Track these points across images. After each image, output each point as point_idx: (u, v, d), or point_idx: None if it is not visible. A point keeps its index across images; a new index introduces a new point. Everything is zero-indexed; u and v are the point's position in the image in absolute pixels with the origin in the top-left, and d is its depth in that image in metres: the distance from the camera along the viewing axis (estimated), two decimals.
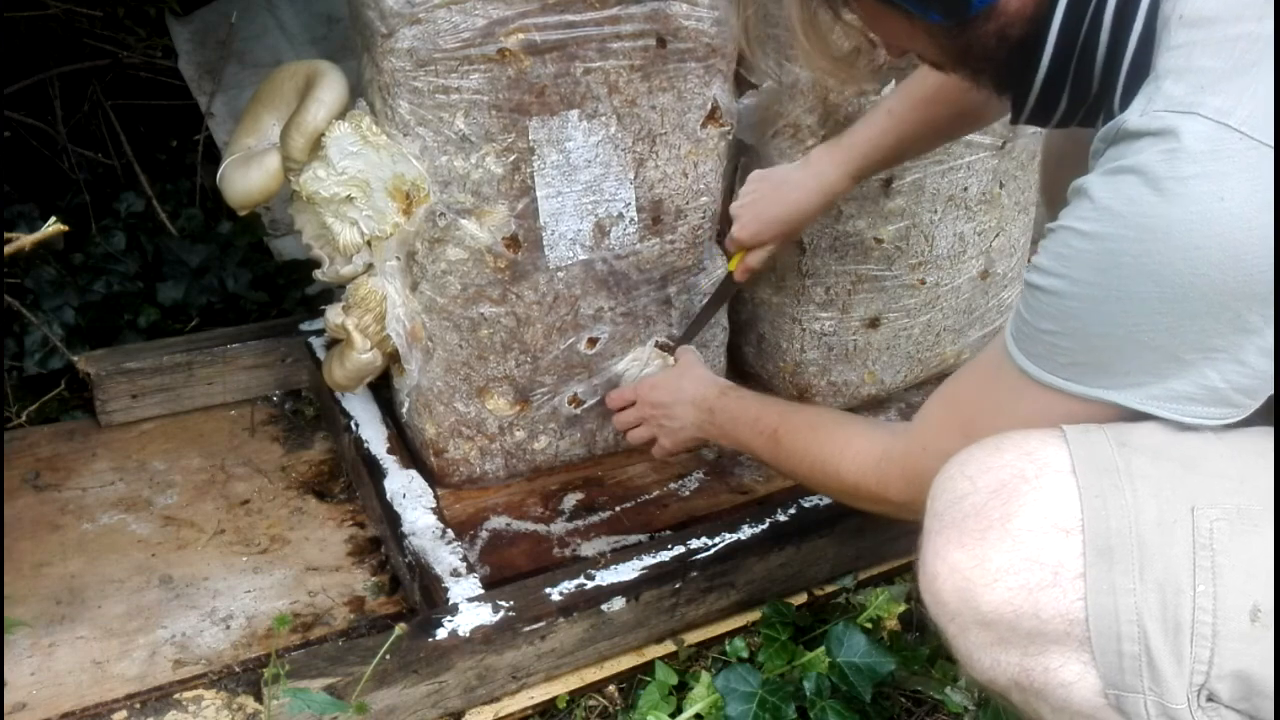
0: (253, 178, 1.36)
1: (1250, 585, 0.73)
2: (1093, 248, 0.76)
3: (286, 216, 1.80)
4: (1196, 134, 0.72)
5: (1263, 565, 0.73)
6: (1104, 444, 0.79)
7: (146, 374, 1.63)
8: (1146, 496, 0.76)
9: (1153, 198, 0.73)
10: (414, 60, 1.22)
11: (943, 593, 0.81)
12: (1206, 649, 0.73)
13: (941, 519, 0.82)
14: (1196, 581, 0.73)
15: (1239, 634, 0.72)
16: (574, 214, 1.38)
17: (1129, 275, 0.75)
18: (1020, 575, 0.77)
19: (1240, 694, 0.73)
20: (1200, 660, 0.73)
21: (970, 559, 0.79)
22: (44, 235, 0.84)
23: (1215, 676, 0.73)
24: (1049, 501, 0.78)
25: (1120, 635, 0.74)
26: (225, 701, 1.10)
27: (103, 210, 2.09)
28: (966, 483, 0.82)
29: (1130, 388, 0.79)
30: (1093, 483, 0.77)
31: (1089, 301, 0.78)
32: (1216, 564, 0.73)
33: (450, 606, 1.21)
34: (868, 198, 1.56)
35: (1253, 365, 0.75)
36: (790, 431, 1.18)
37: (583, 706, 1.25)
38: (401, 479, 1.43)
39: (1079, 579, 0.75)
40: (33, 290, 1.81)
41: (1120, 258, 0.75)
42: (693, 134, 1.40)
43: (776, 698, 1.20)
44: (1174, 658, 0.73)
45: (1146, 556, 0.74)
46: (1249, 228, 0.71)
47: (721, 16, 1.35)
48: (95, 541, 1.42)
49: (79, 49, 2.20)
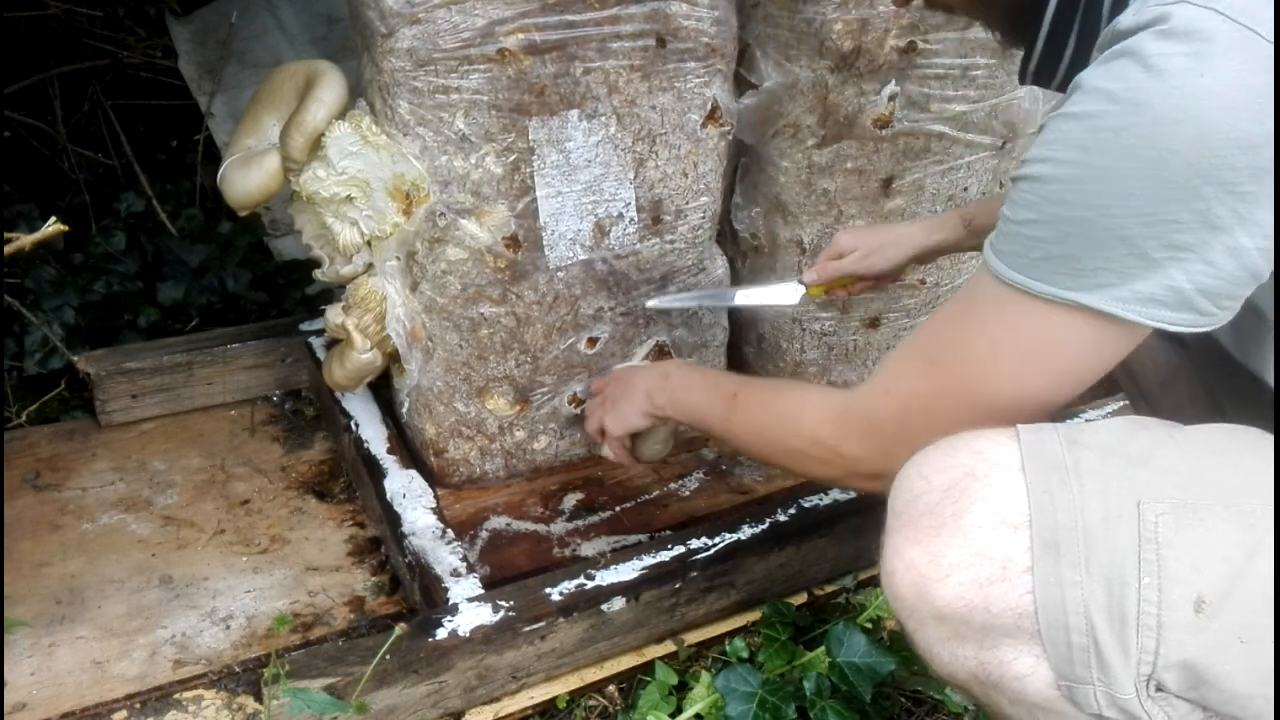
0: (253, 178, 1.36)
1: (1194, 577, 0.73)
2: (1078, 126, 0.76)
3: (286, 216, 1.80)
4: (1185, 16, 0.73)
5: (1207, 558, 0.74)
6: (1054, 442, 0.80)
7: (146, 374, 1.63)
8: (1093, 492, 0.77)
9: (1140, 75, 0.73)
10: (414, 60, 1.22)
11: (900, 589, 0.82)
12: (1152, 639, 0.73)
13: (899, 517, 0.83)
14: (1141, 574, 0.74)
15: (1183, 625, 0.73)
16: (574, 214, 1.38)
17: (1109, 150, 0.74)
18: (971, 570, 0.78)
19: (1188, 684, 0.74)
20: (1146, 651, 0.74)
21: (925, 555, 0.80)
22: (44, 235, 0.84)
23: (1162, 667, 0.74)
24: (998, 498, 0.78)
25: (1068, 627, 0.75)
26: (225, 701, 1.10)
27: (103, 210, 2.09)
28: (922, 481, 0.83)
29: (1097, 289, 0.78)
30: (1040, 479, 0.78)
31: (1069, 181, 0.77)
32: (1161, 557, 0.74)
33: (450, 606, 1.21)
34: (868, 198, 1.56)
35: (1219, 266, 0.75)
36: (750, 393, 1.14)
37: (583, 706, 1.25)
38: (401, 479, 1.43)
39: (1027, 573, 0.76)
40: (33, 290, 1.81)
41: (1102, 133, 0.75)
42: (693, 134, 1.40)
43: (776, 698, 1.20)
44: (1120, 649, 0.74)
45: (1092, 550, 0.75)
46: (1226, 107, 0.71)
47: (721, 16, 1.35)
48: (95, 541, 1.42)
49: (79, 49, 2.20)
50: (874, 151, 1.52)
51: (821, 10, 1.39)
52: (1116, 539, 0.75)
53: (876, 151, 1.52)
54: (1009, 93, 1.55)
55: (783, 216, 1.57)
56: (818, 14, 1.40)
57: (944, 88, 1.50)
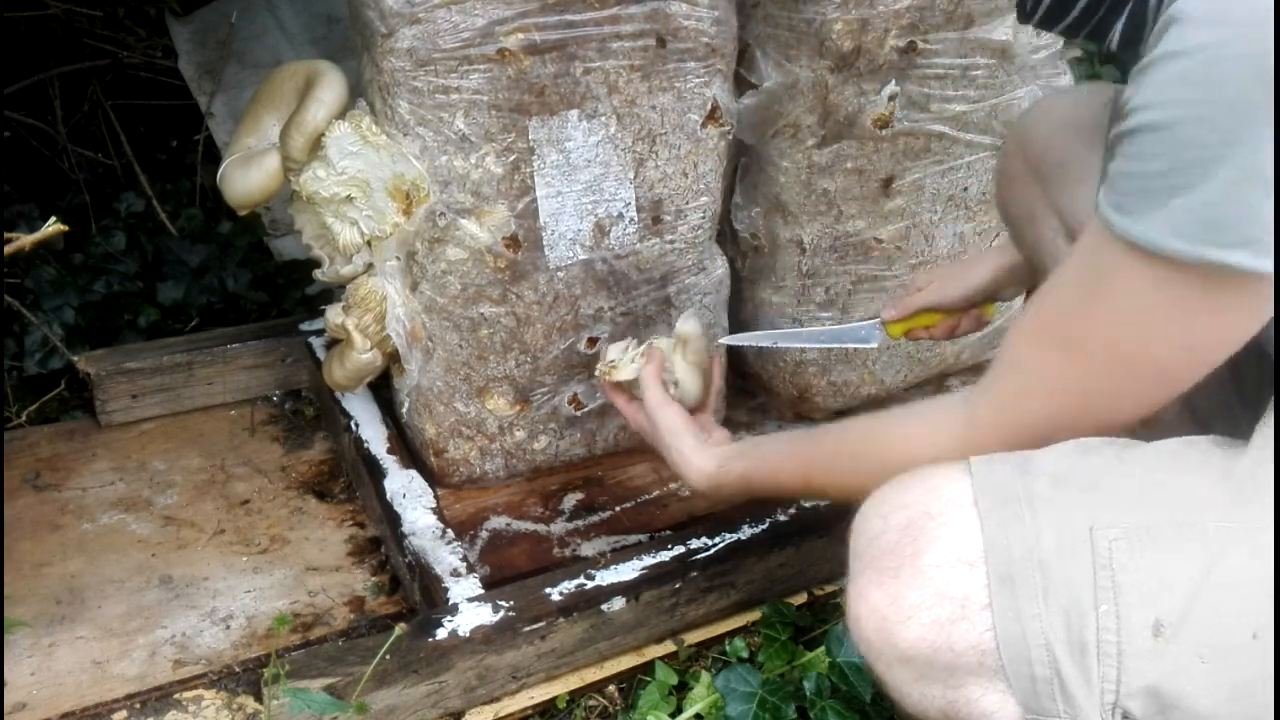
0: (253, 178, 1.36)
1: (1151, 601, 0.73)
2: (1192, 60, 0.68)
3: (286, 216, 1.80)
4: None
5: (1163, 580, 0.73)
6: (1006, 473, 0.79)
7: (146, 374, 1.63)
8: (1046, 522, 0.76)
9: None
10: (414, 60, 1.22)
11: (865, 633, 0.81)
12: (1113, 668, 0.73)
13: (861, 559, 0.83)
14: (1098, 601, 0.73)
15: (1144, 651, 0.73)
16: (574, 214, 1.38)
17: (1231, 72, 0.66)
18: (932, 610, 0.77)
19: (1154, 709, 0.73)
20: (1108, 680, 0.73)
21: (886, 598, 0.79)
22: (44, 235, 0.84)
23: (1125, 694, 0.73)
24: (953, 536, 0.77)
25: (1031, 660, 0.74)
26: (225, 701, 1.10)
27: (103, 210, 2.09)
28: (880, 521, 0.82)
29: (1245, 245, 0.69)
30: (994, 513, 0.77)
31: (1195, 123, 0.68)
32: (1117, 582, 0.73)
33: (450, 606, 1.21)
34: (868, 198, 1.56)
35: None
36: (826, 460, 1.02)
37: (583, 706, 1.25)
38: (401, 479, 1.43)
39: (986, 610, 0.76)
40: (33, 290, 1.81)
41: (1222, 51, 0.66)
42: (693, 134, 1.40)
43: (776, 698, 1.20)
44: (1083, 679, 0.73)
45: (1049, 581, 0.74)
46: None
47: (721, 16, 1.35)
48: (95, 541, 1.42)
49: (79, 49, 2.20)
50: (874, 151, 1.52)
51: (821, 10, 1.39)
52: (1072, 568, 0.74)
53: (876, 151, 1.52)
54: (1009, 93, 1.55)
55: (783, 216, 1.57)
56: (818, 14, 1.40)
57: (944, 88, 1.50)
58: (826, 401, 1.70)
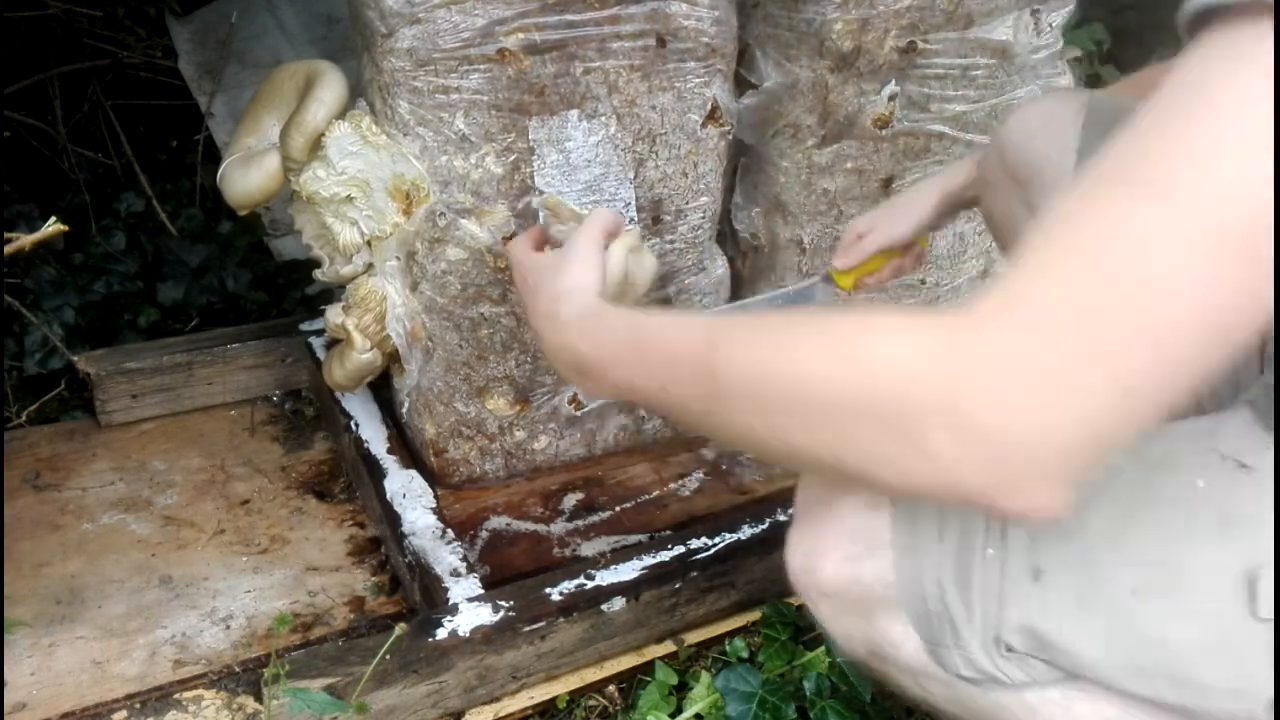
0: (253, 178, 1.36)
1: (1033, 549, 0.77)
2: None
3: (286, 216, 1.80)
4: None
5: (1048, 530, 0.77)
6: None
7: (146, 374, 1.63)
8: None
9: None
10: (414, 60, 1.22)
11: (795, 575, 0.88)
12: (995, 605, 0.78)
13: (796, 517, 0.89)
14: (986, 545, 0.78)
15: (1022, 593, 0.77)
16: None
17: None
18: (844, 548, 0.84)
19: (1034, 646, 0.78)
20: (990, 615, 0.78)
21: (809, 540, 0.86)
22: (44, 235, 0.84)
23: (1006, 630, 0.78)
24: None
25: (925, 596, 0.80)
26: (225, 701, 1.10)
27: (103, 210, 2.09)
28: (814, 481, 0.88)
29: None
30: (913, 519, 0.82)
31: None
32: (1006, 530, 0.78)
33: (450, 606, 1.21)
34: (868, 198, 1.56)
35: None
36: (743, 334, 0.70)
37: (583, 706, 1.25)
38: (401, 479, 1.44)
39: (889, 546, 0.81)
40: (33, 290, 1.81)
41: None
42: (693, 134, 1.40)
43: (776, 698, 1.20)
44: (967, 613, 0.79)
45: (945, 523, 0.80)
46: None
47: (721, 16, 1.34)
48: (95, 541, 1.42)
49: (79, 49, 2.20)
50: (874, 151, 1.52)
51: (821, 10, 1.39)
52: (967, 513, 0.79)
53: (876, 151, 1.52)
54: (1009, 93, 1.55)
55: (783, 216, 1.57)
56: (818, 14, 1.40)
57: (944, 88, 1.50)
58: None
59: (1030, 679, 0.80)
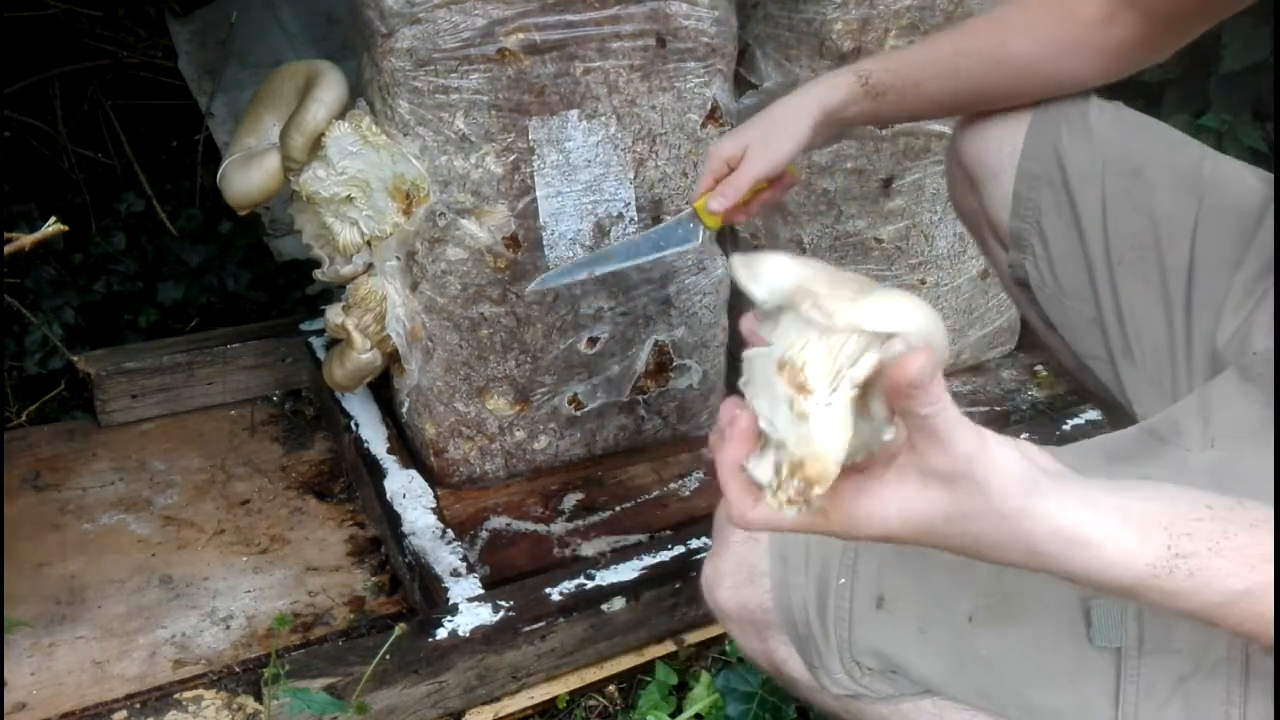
0: (253, 178, 1.36)
1: (879, 578, 0.83)
2: None
3: (286, 216, 1.80)
4: None
5: (893, 563, 0.83)
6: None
7: (146, 374, 1.63)
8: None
9: None
10: (414, 60, 1.22)
11: (706, 596, 0.94)
12: (846, 630, 0.84)
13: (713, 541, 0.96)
14: (839, 575, 0.85)
15: (869, 619, 0.84)
16: (574, 214, 1.38)
17: None
18: (733, 576, 0.90)
19: (885, 666, 0.84)
20: (843, 639, 0.84)
21: (711, 566, 0.93)
22: (44, 235, 0.84)
23: (858, 652, 0.84)
24: None
25: (795, 621, 0.87)
26: (225, 701, 1.10)
27: (103, 210, 2.09)
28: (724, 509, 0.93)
29: None
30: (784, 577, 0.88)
31: None
32: (857, 561, 0.84)
33: (450, 606, 1.21)
34: (867, 198, 1.56)
35: None
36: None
37: (583, 706, 1.25)
38: (401, 479, 1.44)
39: (766, 576, 0.88)
40: (33, 290, 1.82)
41: None
42: (693, 134, 1.40)
43: (776, 698, 1.20)
44: (825, 637, 0.85)
45: (810, 556, 0.86)
46: None
47: (721, 16, 1.35)
48: (95, 541, 1.42)
49: (79, 49, 2.20)
50: (874, 151, 1.52)
51: (821, 10, 1.39)
52: (827, 546, 0.86)
53: (876, 151, 1.52)
54: None
55: (783, 216, 1.57)
56: (818, 14, 1.40)
57: None
58: None
59: (899, 691, 0.85)
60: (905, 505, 0.60)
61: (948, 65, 1.07)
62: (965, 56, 1.06)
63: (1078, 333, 1.08)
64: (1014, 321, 1.83)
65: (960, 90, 1.08)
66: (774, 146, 1.09)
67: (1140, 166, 1.02)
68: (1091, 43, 1.00)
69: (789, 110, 1.11)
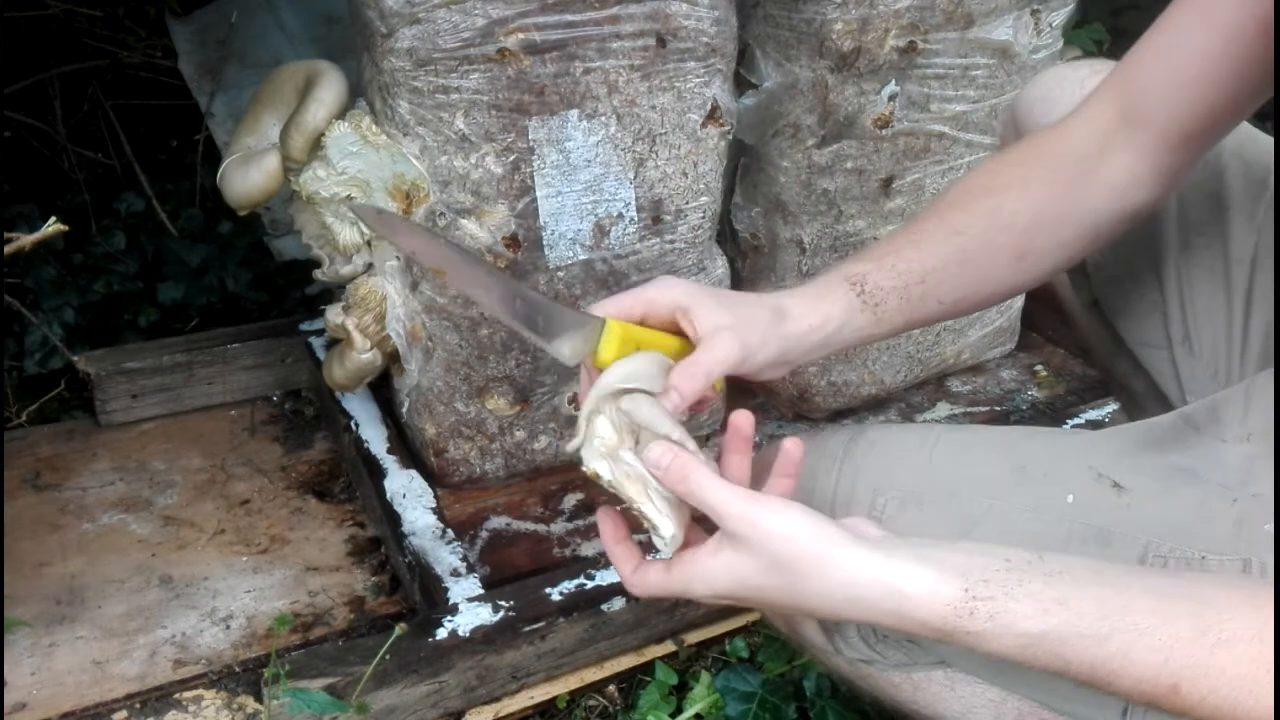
0: (253, 178, 1.36)
1: None
2: None
3: (286, 216, 1.80)
4: None
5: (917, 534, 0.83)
6: (839, 437, 0.95)
7: (146, 374, 1.63)
8: (848, 477, 0.91)
9: None
10: (414, 60, 1.22)
11: None
12: None
13: None
14: None
15: None
16: (574, 214, 1.38)
17: None
18: None
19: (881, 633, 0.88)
20: None
21: None
22: (44, 235, 0.84)
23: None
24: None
25: None
26: (225, 701, 1.10)
27: (103, 210, 2.09)
28: None
29: None
30: (813, 465, 0.91)
31: None
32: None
33: (450, 606, 1.21)
34: (867, 198, 1.56)
35: None
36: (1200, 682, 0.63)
37: (583, 706, 1.25)
38: (401, 479, 1.44)
39: None
40: (33, 290, 1.81)
41: None
42: (693, 134, 1.40)
43: (776, 698, 1.20)
44: None
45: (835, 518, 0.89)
46: None
47: (721, 16, 1.34)
48: (95, 541, 1.42)
49: (79, 49, 2.20)
50: (874, 151, 1.52)
51: (821, 10, 1.39)
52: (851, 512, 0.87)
53: (876, 151, 1.52)
54: (1009, 93, 1.55)
55: (783, 216, 1.57)
56: (818, 14, 1.40)
57: (944, 88, 1.50)
58: (826, 402, 1.70)
59: (912, 660, 0.86)
60: (723, 568, 0.77)
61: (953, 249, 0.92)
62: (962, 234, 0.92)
63: (1136, 318, 1.06)
64: (1014, 321, 1.83)
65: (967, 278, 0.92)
66: (756, 358, 0.88)
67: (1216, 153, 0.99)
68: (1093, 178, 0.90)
69: (784, 330, 0.89)
